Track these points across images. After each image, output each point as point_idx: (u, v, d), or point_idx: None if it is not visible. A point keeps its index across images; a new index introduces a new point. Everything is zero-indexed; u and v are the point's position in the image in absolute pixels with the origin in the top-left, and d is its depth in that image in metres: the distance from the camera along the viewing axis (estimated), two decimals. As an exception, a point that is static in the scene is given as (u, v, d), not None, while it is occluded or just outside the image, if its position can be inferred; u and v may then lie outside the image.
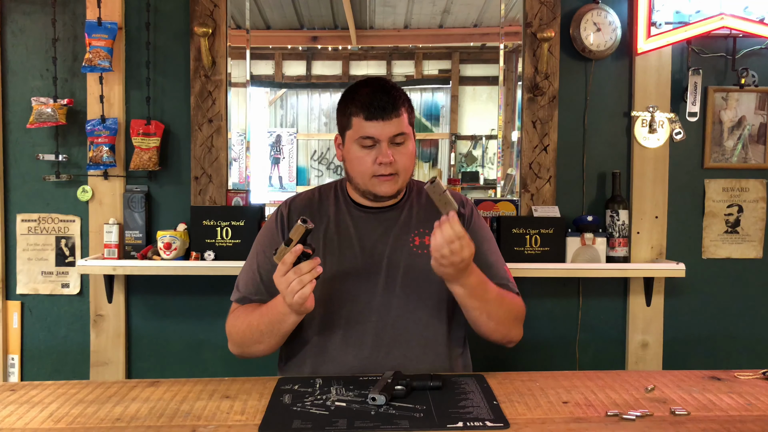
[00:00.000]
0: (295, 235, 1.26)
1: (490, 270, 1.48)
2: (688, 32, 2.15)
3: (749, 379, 1.35)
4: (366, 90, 1.42)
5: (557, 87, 2.24)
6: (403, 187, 1.47)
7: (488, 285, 1.39)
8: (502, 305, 1.42)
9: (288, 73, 3.03)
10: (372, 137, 1.39)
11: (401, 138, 1.41)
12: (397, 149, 1.41)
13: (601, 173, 2.30)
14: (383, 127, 1.39)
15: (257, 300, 1.46)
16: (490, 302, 1.39)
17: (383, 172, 1.41)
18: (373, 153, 1.40)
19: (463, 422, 1.08)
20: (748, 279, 2.33)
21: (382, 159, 1.39)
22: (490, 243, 1.54)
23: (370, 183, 1.43)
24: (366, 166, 1.41)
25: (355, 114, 1.41)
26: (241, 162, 2.46)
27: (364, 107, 1.39)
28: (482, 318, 1.39)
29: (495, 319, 1.41)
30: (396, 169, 1.41)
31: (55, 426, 1.09)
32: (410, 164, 1.45)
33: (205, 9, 2.19)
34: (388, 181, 1.42)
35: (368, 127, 1.39)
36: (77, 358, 2.26)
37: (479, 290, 1.36)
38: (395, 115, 1.39)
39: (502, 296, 1.43)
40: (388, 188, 1.43)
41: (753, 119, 2.30)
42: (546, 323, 2.31)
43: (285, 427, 1.06)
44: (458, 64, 3.01)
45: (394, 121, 1.39)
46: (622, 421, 1.10)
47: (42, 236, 2.25)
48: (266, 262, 1.48)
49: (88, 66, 2.10)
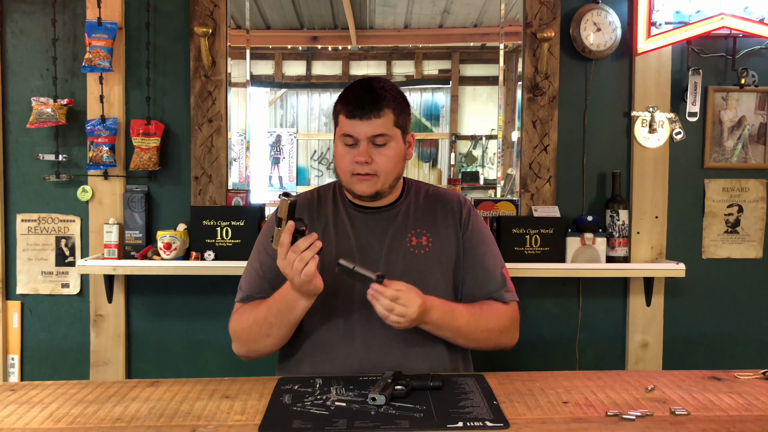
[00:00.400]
0: (282, 213, 1.27)
1: (485, 276, 1.49)
2: (688, 32, 2.15)
3: (749, 379, 1.35)
4: (354, 89, 1.44)
5: (557, 87, 2.24)
6: (387, 188, 1.46)
7: (455, 312, 1.40)
8: (478, 325, 1.43)
9: (288, 73, 3.03)
10: (351, 135, 1.41)
11: (381, 139, 1.41)
12: (378, 150, 1.41)
13: (601, 173, 2.30)
14: (361, 126, 1.40)
15: (261, 297, 1.46)
16: (461, 328, 1.41)
17: (360, 171, 1.41)
18: (354, 152, 1.42)
19: (463, 422, 1.08)
20: (748, 279, 2.33)
21: (357, 158, 1.40)
22: (488, 246, 1.53)
23: (350, 181, 1.44)
24: (346, 164, 1.43)
25: (340, 111, 1.43)
26: (241, 162, 2.46)
27: (347, 105, 1.41)
28: (460, 341, 1.44)
29: (474, 341, 1.45)
30: (375, 170, 1.42)
31: (55, 426, 1.09)
32: (392, 167, 1.44)
33: (205, 9, 2.19)
34: (365, 180, 1.42)
35: (348, 125, 1.41)
36: (77, 358, 2.26)
37: (445, 321, 1.38)
38: (376, 115, 1.39)
39: (477, 316, 1.43)
40: (365, 188, 1.43)
41: (753, 119, 2.30)
42: (546, 323, 2.31)
43: (285, 427, 1.06)
44: (458, 64, 3.01)
45: (374, 121, 1.39)
46: (622, 421, 1.10)
47: (42, 236, 2.25)
48: (268, 260, 1.48)
49: (88, 66, 2.10)
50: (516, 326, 1.51)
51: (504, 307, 1.49)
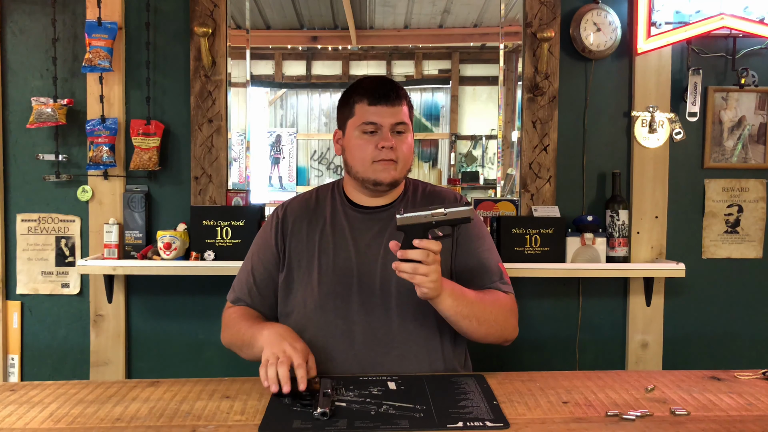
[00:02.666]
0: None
1: (482, 268, 1.48)
2: (688, 32, 2.15)
3: (749, 379, 1.35)
4: (370, 80, 1.48)
5: (557, 87, 2.24)
6: (402, 177, 1.48)
7: (463, 289, 1.38)
8: (485, 304, 1.40)
9: (288, 73, 3.04)
10: (375, 122, 1.42)
11: (402, 127, 1.44)
12: (398, 138, 1.44)
13: (601, 173, 2.30)
14: (387, 112, 1.43)
15: (248, 304, 1.51)
16: (474, 303, 1.37)
17: (384, 157, 1.42)
18: (375, 139, 1.43)
19: (463, 422, 1.08)
20: (748, 279, 2.33)
21: (384, 143, 1.41)
22: (484, 240, 1.53)
23: (371, 169, 1.44)
24: (367, 152, 1.43)
25: (359, 101, 1.44)
26: (241, 162, 2.46)
27: (369, 93, 1.44)
28: (473, 323, 1.37)
29: (485, 322, 1.39)
30: (397, 156, 1.43)
31: (55, 426, 1.09)
32: (409, 155, 1.48)
33: (205, 9, 2.19)
34: (388, 166, 1.43)
35: (372, 112, 1.43)
36: (77, 358, 2.27)
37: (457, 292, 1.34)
38: (399, 102, 1.44)
39: (482, 296, 1.42)
40: (388, 174, 1.43)
41: (753, 119, 2.30)
42: (546, 323, 2.31)
43: (285, 427, 1.06)
44: (458, 64, 3.01)
45: (397, 108, 1.44)
46: (622, 421, 1.10)
47: (42, 236, 2.25)
48: (260, 267, 1.51)
49: (88, 66, 2.10)
50: (516, 318, 1.49)
51: (505, 295, 1.48)
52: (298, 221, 1.52)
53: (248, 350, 1.38)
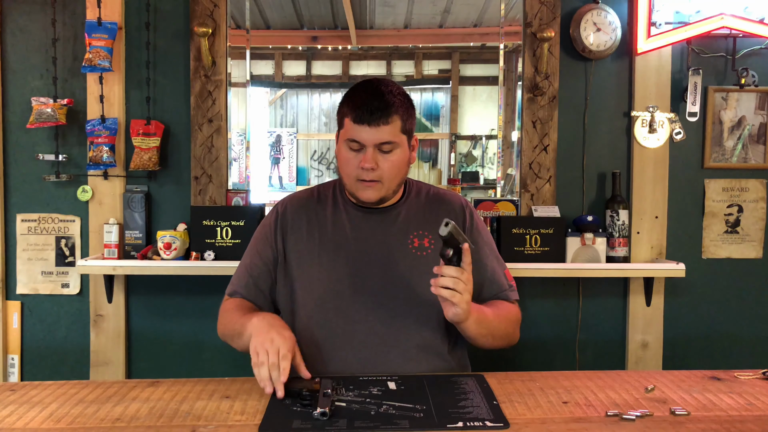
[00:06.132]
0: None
1: (492, 277, 1.50)
2: (688, 32, 2.15)
3: (749, 379, 1.35)
4: (362, 92, 1.41)
5: (557, 87, 2.24)
6: (390, 194, 1.47)
7: (481, 307, 1.40)
8: (500, 321, 1.44)
9: (288, 73, 3.04)
10: (357, 141, 1.39)
11: (388, 146, 1.40)
12: (383, 156, 1.41)
13: (601, 173, 2.30)
14: (369, 132, 1.38)
15: (245, 297, 1.51)
16: (492, 322, 1.41)
17: (365, 177, 1.41)
18: (359, 156, 1.41)
19: (463, 422, 1.08)
20: (748, 279, 2.33)
21: (363, 164, 1.39)
22: (490, 247, 1.55)
23: (355, 186, 1.44)
24: (351, 168, 1.42)
25: (347, 115, 1.41)
26: (241, 162, 2.46)
27: (355, 109, 1.38)
28: (488, 339, 1.42)
29: (498, 338, 1.45)
30: (379, 176, 1.41)
31: (55, 426, 1.09)
32: (396, 173, 1.43)
33: (205, 9, 2.19)
34: (369, 187, 1.42)
35: (355, 131, 1.39)
36: (77, 358, 2.27)
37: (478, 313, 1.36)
38: (384, 122, 1.38)
39: (496, 313, 1.44)
40: (369, 194, 1.43)
41: (753, 119, 2.30)
42: (546, 323, 2.31)
43: (285, 427, 1.06)
44: (458, 64, 3.02)
45: (382, 128, 1.38)
46: (622, 421, 1.10)
47: (42, 236, 2.25)
48: (258, 261, 1.51)
49: (88, 66, 2.10)
50: (519, 324, 1.53)
51: (512, 306, 1.52)
52: (297, 218, 1.51)
53: (238, 340, 1.37)
